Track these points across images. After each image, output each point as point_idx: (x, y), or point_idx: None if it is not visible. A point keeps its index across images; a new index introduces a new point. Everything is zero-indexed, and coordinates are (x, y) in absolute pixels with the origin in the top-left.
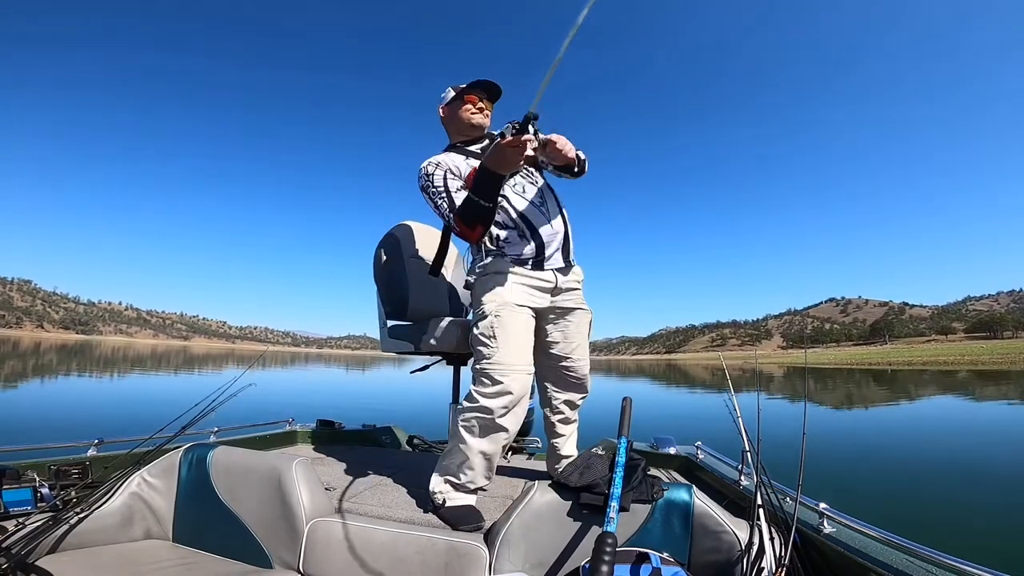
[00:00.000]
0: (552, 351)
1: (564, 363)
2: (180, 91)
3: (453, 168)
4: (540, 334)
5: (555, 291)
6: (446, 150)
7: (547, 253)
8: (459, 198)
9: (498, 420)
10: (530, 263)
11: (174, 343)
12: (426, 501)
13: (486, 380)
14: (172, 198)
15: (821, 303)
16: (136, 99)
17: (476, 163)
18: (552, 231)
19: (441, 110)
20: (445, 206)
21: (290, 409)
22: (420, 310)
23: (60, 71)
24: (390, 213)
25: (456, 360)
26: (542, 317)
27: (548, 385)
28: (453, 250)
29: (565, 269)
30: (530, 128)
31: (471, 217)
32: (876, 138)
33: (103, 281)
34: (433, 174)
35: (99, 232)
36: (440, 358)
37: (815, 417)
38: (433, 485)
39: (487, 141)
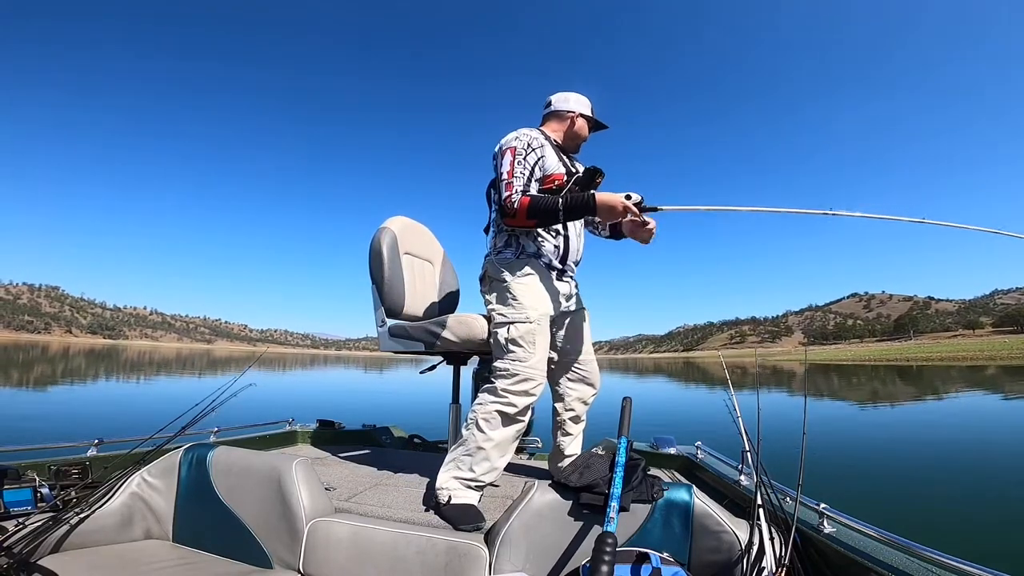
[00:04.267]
0: (563, 348)
1: (574, 359)
2: (195, 95)
3: (547, 162)
4: (551, 335)
5: (568, 297)
6: (545, 136)
7: (569, 262)
8: (533, 188)
9: (518, 416)
10: (556, 273)
11: (197, 346)
12: (426, 501)
13: (518, 379)
14: (192, 203)
15: (843, 298)
16: (152, 104)
17: (563, 169)
18: (578, 246)
19: (577, 117)
20: (519, 184)
21: (290, 409)
22: (416, 309)
23: (73, 75)
24: (399, 211)
25: (456, 360)
26: (554, 320)
27: (561, 382)
28: (439, 249)
29: (572, 275)
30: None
31: (539, 217)
32: (898, 133)
33: (129, 286)
34: (531, 150)
35: (124, 238)
36: (442, 359)
37: (827, 415)
38: (440, 481)
39: (576, 170)
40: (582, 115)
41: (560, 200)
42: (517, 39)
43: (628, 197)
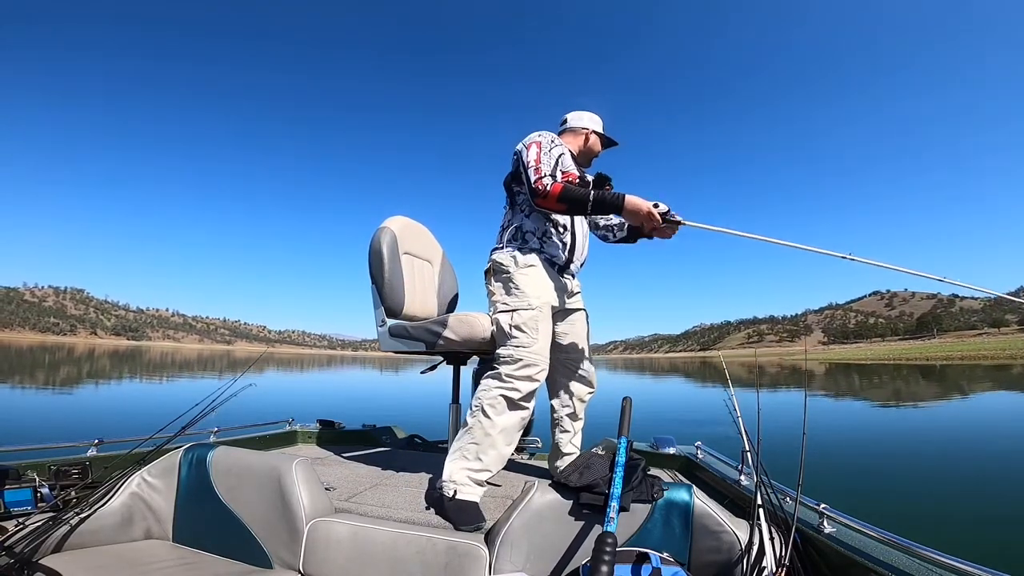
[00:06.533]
0: (561, 345)
1: (572, 358)
2: (212, 100)
3: (566, 160)
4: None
5: (570, 294)
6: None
7: (574, 260)
8: (558, 177)
9: (523, 402)
10: (557, 268)
11: (218, 347)
12: (426, 501)
13: (521, 364)
14: (213, 207)
15: (865, 296)
16: (173, 108)
17: (577, 172)
18: (583, 245)
19: (590, 134)
20: (548, 169)
21: (291, 409)
22: (415, 308)
23: (86, 80)
24: (413, 212)
25: (456, 360)
26: (555, 316)
27: (559, 380)
28: (439, 248)
29: (575, 274)
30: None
31: (569, 203)
32: (923, 128)
33: (151, 289)
34: (555, 145)
35: (147, 241)
36: (442, 359)
37: (834, 415)
38: (448, 472)
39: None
40: (595, 132)
41: (591, 192)
42: (522, 47)
43: (656, 206)
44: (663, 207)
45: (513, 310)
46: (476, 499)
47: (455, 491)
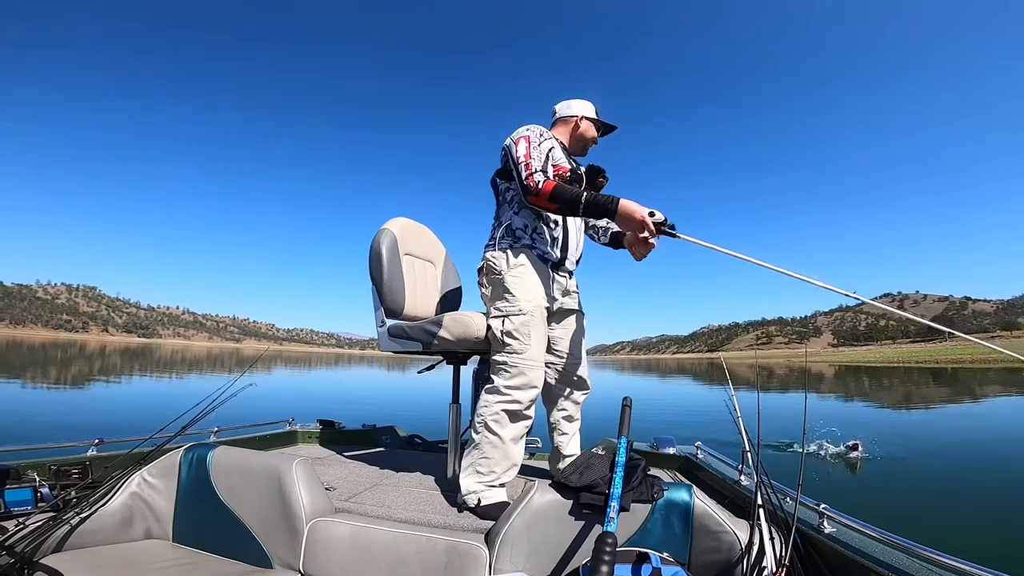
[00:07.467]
0: (556, 349)
1: (568, 361)
2: (222, 99)
3: (555, 153)
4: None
5: (564, 292)
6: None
7: (568, 257)
8: (550, 172)
9: (525, 411)
10: (551, 264)
11: (227, 345)
12: (426, 501)
13: (516, 373)
14: (223, 206)
15: (875, 299)
16: (185, 108)
17: (568, 164)
18: (576, 240)
19: (580, 120)
20: (538, 164)
21: (291, 409)
22: (416, 309)
23: (96, 78)
24: (422, 209)
25: (456, 360)
26: (550, 316)
27: (552, 383)
28: (441, 249)
29: (572, 273)
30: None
31: (561, 203)
32: (938, 127)
33: (162, 286)
34: (544, 139)
35: (158, 240)
36: (442, 358)
37: (837, 416)
38: (465, 487)
39: (583, 169)
40: (586, 117)
41: (584, 194)
42: (527, 46)
43: (652, 214)
44: (659, 216)
45: (504, 315)
46: (502, 498)
47: (478, 500)
